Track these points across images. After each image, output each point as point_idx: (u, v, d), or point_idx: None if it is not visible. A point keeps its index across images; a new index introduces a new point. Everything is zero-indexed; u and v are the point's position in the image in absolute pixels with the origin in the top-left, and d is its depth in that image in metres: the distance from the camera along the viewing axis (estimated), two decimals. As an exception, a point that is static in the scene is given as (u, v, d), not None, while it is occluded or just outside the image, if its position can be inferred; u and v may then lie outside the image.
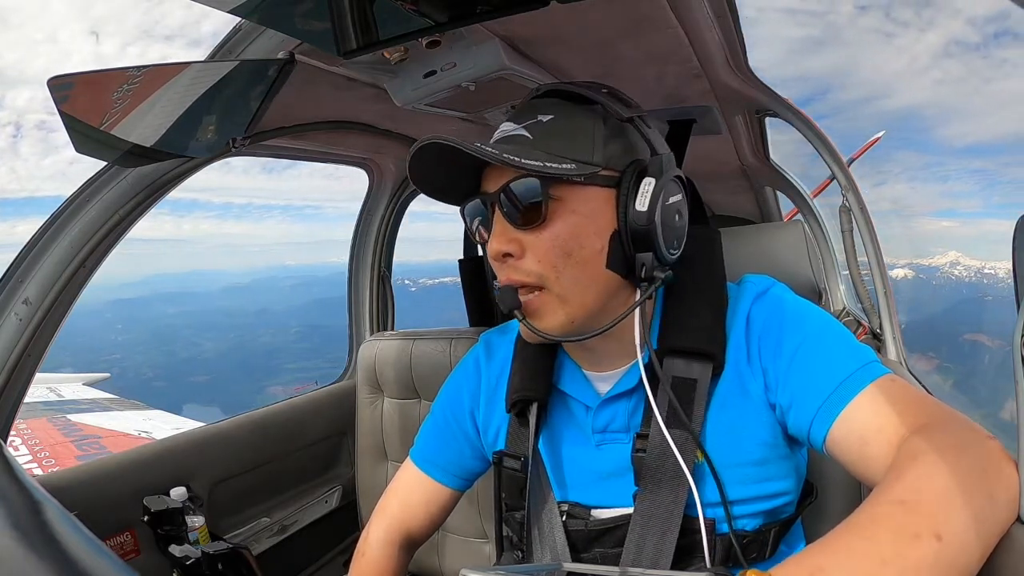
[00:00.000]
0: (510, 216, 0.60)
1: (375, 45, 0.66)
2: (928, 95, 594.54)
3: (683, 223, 0.63)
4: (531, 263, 0.59)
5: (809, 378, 0.57)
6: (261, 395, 72.24)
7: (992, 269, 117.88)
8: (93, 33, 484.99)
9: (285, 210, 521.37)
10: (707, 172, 1.87)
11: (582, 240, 0.59)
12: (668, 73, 0.98)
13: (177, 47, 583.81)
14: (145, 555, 1.09)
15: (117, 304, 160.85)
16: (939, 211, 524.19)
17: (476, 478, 0.83)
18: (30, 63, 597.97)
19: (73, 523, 0.65)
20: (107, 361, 75.23)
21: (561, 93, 0.63)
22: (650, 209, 0.57)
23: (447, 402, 0.82)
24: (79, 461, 1.70)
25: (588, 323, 0.62)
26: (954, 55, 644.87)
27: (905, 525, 0.41)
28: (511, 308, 0.61)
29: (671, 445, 0.59)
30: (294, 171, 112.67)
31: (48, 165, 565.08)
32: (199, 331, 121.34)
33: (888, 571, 0.39)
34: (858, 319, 1.61)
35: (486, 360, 0.80)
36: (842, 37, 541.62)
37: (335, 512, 1.56)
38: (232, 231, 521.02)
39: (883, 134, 8.33)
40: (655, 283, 0.59)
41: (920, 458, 0.46)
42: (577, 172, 0.57)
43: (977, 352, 70.11)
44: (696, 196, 0.72)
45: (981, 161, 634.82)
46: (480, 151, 0.54)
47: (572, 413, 0.71)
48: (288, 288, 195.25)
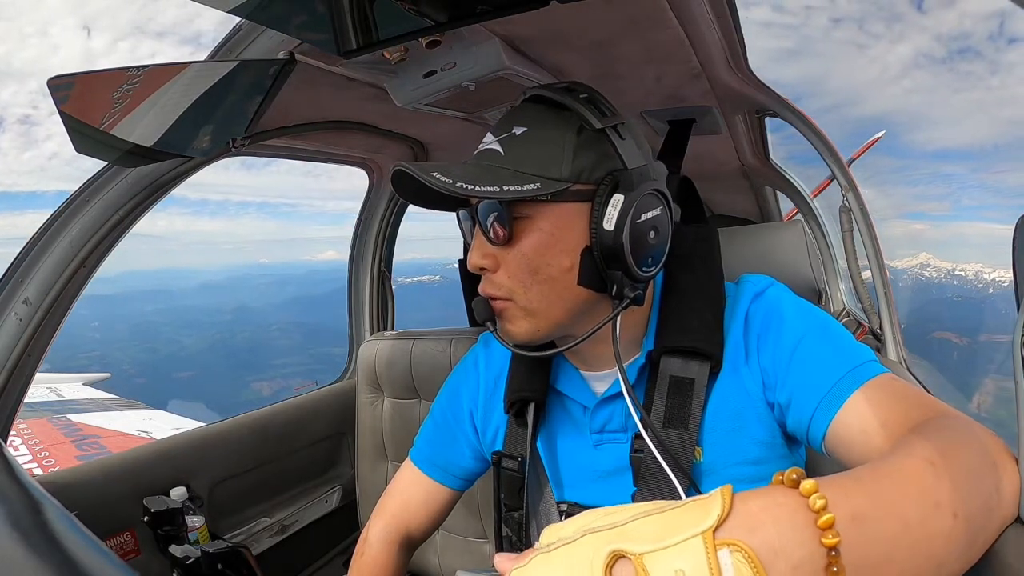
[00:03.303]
0: (485, 232, 0.60)
1: (375, 45, 0.66)
2: (898, 103, 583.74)
3: (660, 239, 0.60)
4: (503, 277, 0.60)
5: (807, 376, 0.57)
6: (246, 390, 72.39)
7: (962, 271, 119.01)
8: (85, 28, 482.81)
9: (261, 207, 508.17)
10: (707, 172, 1.87)
11: (548, 258, 0.59)
12: (668, 73, 0.98)
13: (168, 44, 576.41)
14: (145, 555, 1.09)
15: (91, 301, 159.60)
16: (910, 214, 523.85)
17: (475, 478, 0.83)
18: (17, 55, 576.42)
19: (73, 523, 0.65)
20: (87, 358, 74.90)
21: (543, 99, 0.62)
22: (617, 228, 0.56)
23: (446, 403, 0.82)
24: (79, 461, 1.70)
25: (557, 333, 0.62)
26: (923, 67, 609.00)
27: (930, 490, 0.39)
28: (484, 319, 0.63)
29: (664, 447, 0.59)
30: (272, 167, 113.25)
31: (27, 160, 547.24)
32: (178, 328, 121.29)
33: (908, 537, 0.37)
34: (858, 319, 1.61)
35: (485, 361, 0.80)
36: (815, 49, 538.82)
37: (335, 512, 1.56)
38: (207, 228, 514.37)
39: (883, 134, 8.34)
40: (624, 302, 0.59)
41: (941, 431, 0.45)
42: (541, 191, 0.56)
43: (945, 349, 71.36)
44: (695, 195, 0.72)
45: (951, 165, 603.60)
46: (433, 182, 0.54)
47: (570, 413, 0.71)
48: (263, 286, 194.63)
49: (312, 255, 47.01)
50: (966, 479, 0.41)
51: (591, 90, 0.62)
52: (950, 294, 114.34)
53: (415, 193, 0.62)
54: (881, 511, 0.37)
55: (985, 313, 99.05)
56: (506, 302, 0.61)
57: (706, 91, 1.07)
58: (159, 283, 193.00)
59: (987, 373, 63.36)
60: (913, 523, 0.37)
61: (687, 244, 0.67)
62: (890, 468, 0.40)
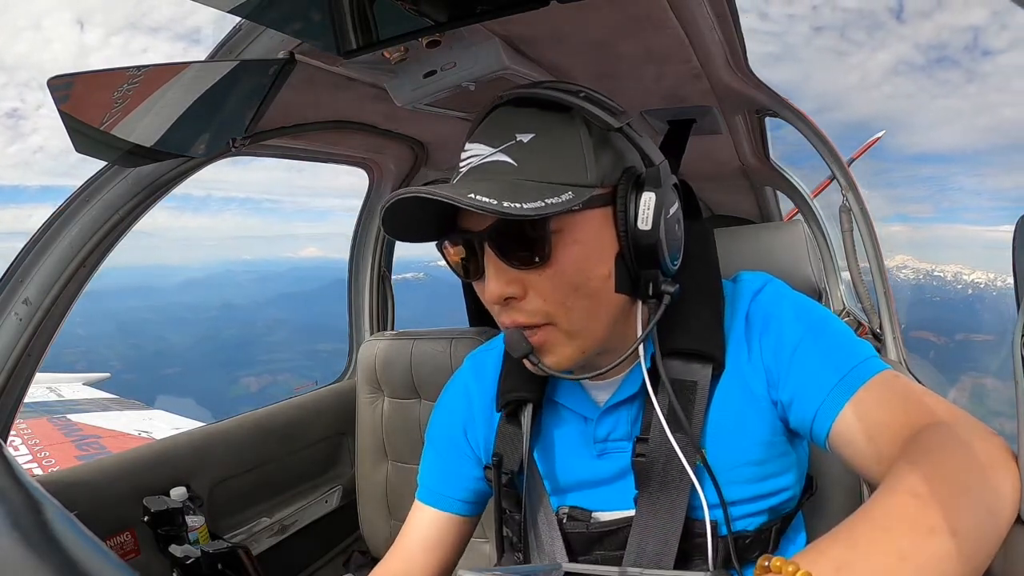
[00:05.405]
0: (506, 256, 0.55)
1: (375, 45, 0.66)
2: (879, 108, 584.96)
3: (683, 231, 0.61)
4: (536, 303, 0.55)
5: (811, 373, 0.57)
6: (234, 386, 72.42)
7: (941, 272, 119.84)
8: (78, 22, 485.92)
9: (243, 203, 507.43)
10: (707, 172, 1.87)
11: (588, 271, 0.55)
12: (668, 73, 0.98)
13: (161, 39, 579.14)
14: (145, 555, 1.09)
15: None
16: (889, 216, 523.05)
17: (485, 499, 0.77)
18: (9, 49, 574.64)
19: (73, 523, 0.65)
20: (73, 353, 74.40)
21: (533, 101, 0.57)
22: (654, 226, 0.54)
23: (440, 426, 0.79)
24: (79, 461, 1.70)
25: (598, 350, 0.59)
26: (903, 73, 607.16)
27: (921, 519, 0.40)
28: (524, 354, 0.57)
29: (676, 449, 0.58)
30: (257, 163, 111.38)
31: (13, 153, 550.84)
32: (165, 325, 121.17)
33: (907, 567, 0.38)
34: (858, 319, 1.61)
35: (474, 377, 0.77)
36: (798, 55, 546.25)
37: (335, 512, 1.56)
38: (189, 224, 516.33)
39: (883, 134, 8.33)
40: (664, 299, 0.56)
41: (930, 452, 0.46)
42: (576, 200, 0.52)
43: (922, 347, 72.71)
44: (689, 193, 0.72)
45: (930, 168, 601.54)
46: (475, 204, 0.48)
47: (569, 424, 0.69)
48: (247, 283, 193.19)
49: (295, 252, 47.04)
50: (961, 494, 0.42)
51: (588, 90, 0.59)
52: (929, 295, 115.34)
53: (403, 223, 0.56)
54: (866, 552, 0.39)
55: (962, 313, 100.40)
56: (546, 328, 0.56)
57: (706, 91, 1.07)
58: (142, 279, 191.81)
59: (963, 371, 64.66)
60: (909, 553, 0.39)
61: (684, 243, 0.66)
62: (873, 512, 0.42)
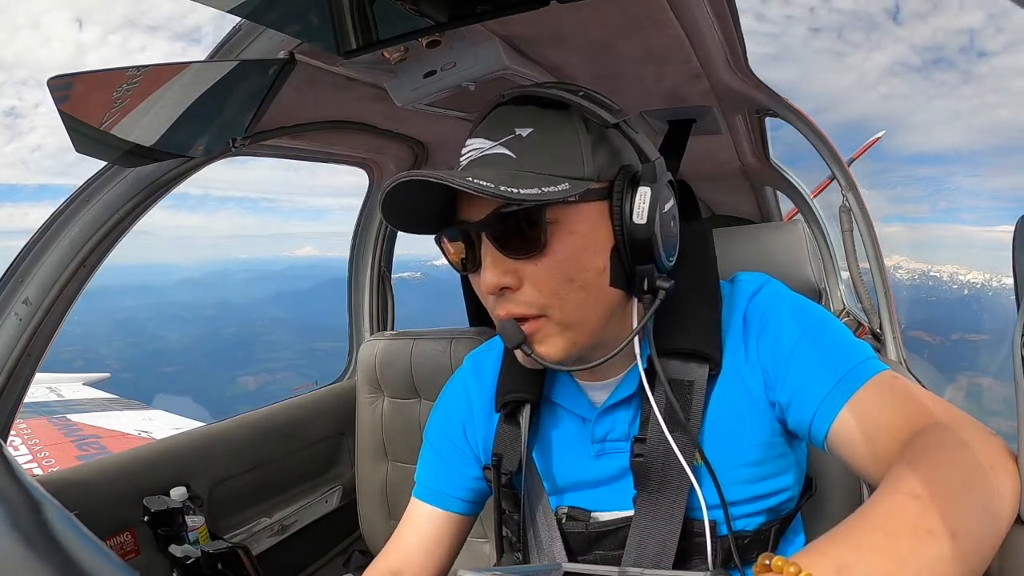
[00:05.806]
0: (503, 246, 0.56)
1: (375, 45, 0.66)
2: (876, 108, 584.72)
3: (678, 228, 0.61)
4: (531, 294, 0.56)
5: (809, 374, 0.57)
6: (232, 385, 72.27)
7: (937, 272, 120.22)
8: (77, 21, 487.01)
9: (240, 202, 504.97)
10: (707, 172, 1.87)
11: (584, 262, 0.56)
12: (668, 73, 0.98)
13: (160, 38, 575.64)
14: (145, 555, 1.09)
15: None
16: (886, 216, 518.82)
17: (484, 499, 0.78)
18: (7, 47, 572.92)
19: (73, 523, 0.65)
20: (69, 352, 74.26)
21: (532, 99, 0.59)
22: (649, 220, 0.55)
23: (439, 425, 0.79)
24: (79, 461, 1.70)
25: (591, 344, 0.60)
26: (899, 74, 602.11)
27: (920, 521, 0.40)
28: (518, 344, 0.57)
29: (673, 448, 0.58)
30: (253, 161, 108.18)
31: (10, 152, 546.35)
32: (162, 324, 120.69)
33: (907, 570, 0.39)
34: (858, 319, 1.61)
35: (474, 376, 0.78)
36: (795, 56, 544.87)
37: (335, 512, 1.56)
38: (186, 222, 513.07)
39: (883, 134, 8.33)
40: (659, 295, 0.57)
41: (929, 453, 0.46)
42: (572, 191, 0.53)
43: (917, 346, 72.96)
44: (688, 193, 0.71)
45: (927, 168, 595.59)
46: (472, 187, 0.50)
47: (567, 424, 0.69)
48: (243, 282, 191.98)
49: (291, 251, 46.93)
50: (960, 496, 0.42)
51: (586, 89, 0.60)
52: (924, 295, 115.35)
53: (403, 212, 0.58)
54: (867, 555, 0.39)
55: (958, 313, 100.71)
56: (539, 320, 0.57)
57: (706, 91, 1.07)
58: (138, 278, 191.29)
59: (959, 370, 64.84)
60: (909, 555, 0.39)
61: (682, 243, 0.67)
62: (873, 513, 0.42)
